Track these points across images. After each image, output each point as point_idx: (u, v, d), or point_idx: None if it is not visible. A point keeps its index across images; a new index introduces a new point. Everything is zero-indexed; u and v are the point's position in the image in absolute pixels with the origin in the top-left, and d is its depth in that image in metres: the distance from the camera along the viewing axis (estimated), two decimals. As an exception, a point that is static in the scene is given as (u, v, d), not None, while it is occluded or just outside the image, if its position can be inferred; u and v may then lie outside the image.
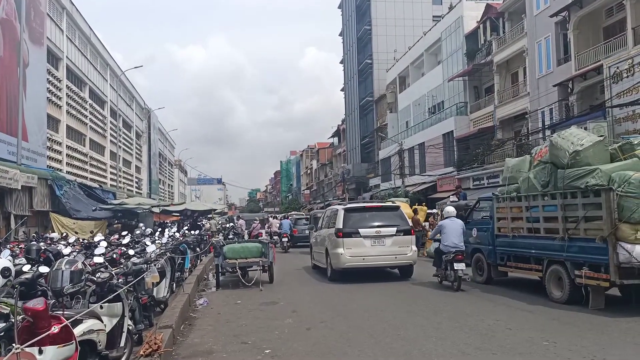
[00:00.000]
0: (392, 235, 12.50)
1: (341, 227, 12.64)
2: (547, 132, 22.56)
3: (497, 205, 11.06)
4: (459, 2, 37.14)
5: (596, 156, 8.71)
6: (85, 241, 14.09)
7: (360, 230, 12.49)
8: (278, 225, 26.30)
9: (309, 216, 29.06)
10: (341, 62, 67.79)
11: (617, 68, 19.99)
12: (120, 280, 6.11)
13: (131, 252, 8.61)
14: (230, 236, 18.06)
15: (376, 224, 12.64)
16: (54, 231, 20.39)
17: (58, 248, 10.32)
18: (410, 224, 13.91)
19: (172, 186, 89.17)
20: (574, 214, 8.65)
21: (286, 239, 24.89)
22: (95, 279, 5.39)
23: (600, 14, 23.42)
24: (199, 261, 16.08)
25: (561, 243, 8.85)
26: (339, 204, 18.72)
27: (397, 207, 13.81)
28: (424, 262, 16.84)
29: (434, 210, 23.43)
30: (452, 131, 34.87)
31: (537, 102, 26.21)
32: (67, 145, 32.14)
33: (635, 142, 8.90)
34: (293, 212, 41.96)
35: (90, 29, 38.74)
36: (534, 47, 27.05)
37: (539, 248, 9.55)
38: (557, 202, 8.96)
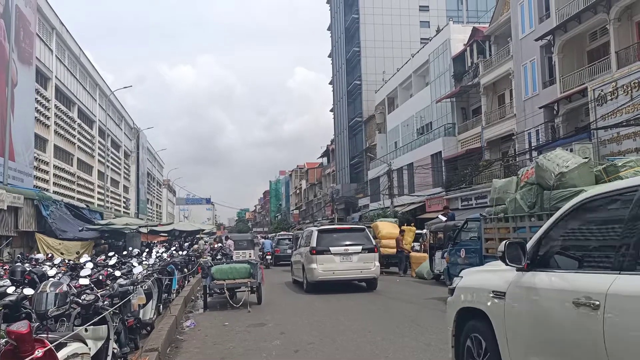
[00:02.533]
0: (358, 253, 14.28)
1: (315, 245, 14.39)
2: (534, 154, 22.83)
3: (484, 225, 11.09)
4: (446, 25, 37.83)
5: (581, 178, 8.80)
6: (71, 262, 13.90)
7: (331, 248, 14.27)
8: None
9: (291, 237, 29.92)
10: (330, 83, 68.42)
11: (602, 91, 20.36)
12: (106, 302, 6.03)
13: (117, 273, 8.50)
14: (219, 257, 17.94)
15: (345, 242, 14.45)
16: (39, 252, 20.08)
17: (43, 269, 10.15)
18: (374, 243, 15.54)
19: (160, 206, 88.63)
20: (561, 235, 8.68)
21: (269, 257, 28.17)
22: (81, 301, 5.31)
23: (585, 38, 23.92)
24: (186, 282, 15.93)
25: (548, 264, 8.88)
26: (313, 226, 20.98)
27: (363, 229, 15.84)
28: (410, 282, 16.90)
29: (424, 231, 23.47)
30: (440, 152, 35.17)
31: (524, 124, 26.57)
32: (54, 165, 31.93)
33: (620, 164, 9.01)
34: (282, 232, 42.03)
35: (80, 49, 38.84)
36: (520, 69, 27.51)
37: (526, 269, 9.56)
38: (544, 223, 9.00)
